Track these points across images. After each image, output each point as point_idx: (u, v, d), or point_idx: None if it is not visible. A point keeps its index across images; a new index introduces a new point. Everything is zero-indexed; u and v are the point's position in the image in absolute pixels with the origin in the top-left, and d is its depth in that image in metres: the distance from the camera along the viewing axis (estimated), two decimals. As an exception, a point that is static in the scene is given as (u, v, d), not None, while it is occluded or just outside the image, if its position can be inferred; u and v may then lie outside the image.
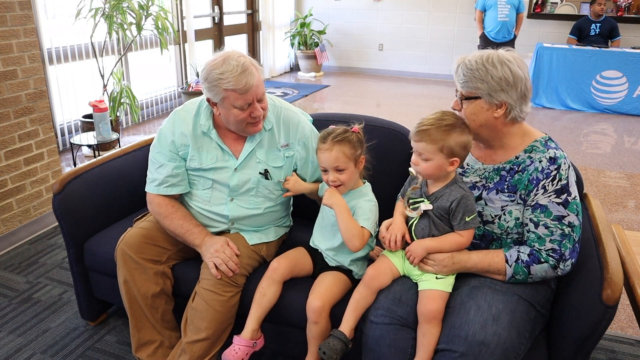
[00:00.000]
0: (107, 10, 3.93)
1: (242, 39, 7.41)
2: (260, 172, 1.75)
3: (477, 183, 1.52)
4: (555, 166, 1.41)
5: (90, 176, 1.99)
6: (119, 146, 3.86)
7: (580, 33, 6.31)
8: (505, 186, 1.47)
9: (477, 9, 6.17)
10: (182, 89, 5.43)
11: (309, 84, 7.33)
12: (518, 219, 1.45)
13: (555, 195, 1.40)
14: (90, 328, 2.09)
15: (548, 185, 1.40)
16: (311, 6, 8.01)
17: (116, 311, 2.19)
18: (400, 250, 1.53)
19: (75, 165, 3.85)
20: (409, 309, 1.43)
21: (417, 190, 1.52)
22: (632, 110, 5.91)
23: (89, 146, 3.75)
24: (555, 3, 6.93)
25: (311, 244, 1.74)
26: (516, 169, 1.46)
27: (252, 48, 7.56)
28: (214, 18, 6.53)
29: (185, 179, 1.77)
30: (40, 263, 2.56)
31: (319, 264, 1.69)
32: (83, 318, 2.11)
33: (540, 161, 1.42)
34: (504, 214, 1.46)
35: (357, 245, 1.53)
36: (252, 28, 7.52)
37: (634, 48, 6.02)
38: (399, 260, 1.53)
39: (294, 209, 2.01)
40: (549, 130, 5.13)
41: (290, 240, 1.92)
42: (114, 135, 3.78)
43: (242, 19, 7.33)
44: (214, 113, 1.71)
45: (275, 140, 1.78)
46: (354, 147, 1.56)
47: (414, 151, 1.45)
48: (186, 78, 5.84)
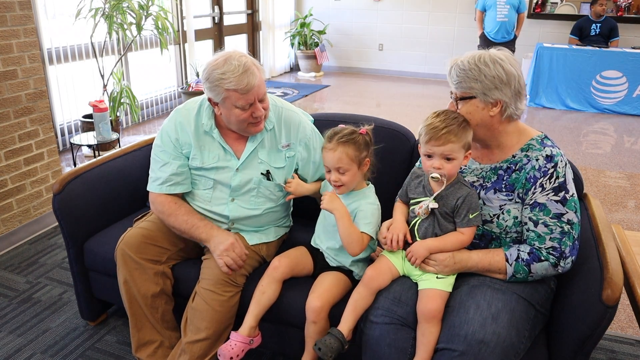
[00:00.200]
0: (107, 10, 3.93)
1: (242, 39, 7.41)
2: (262, 173, 1.75)
3: (475, 183, 1.52)
4: (552, 164, 1.41)
5: (90, 176, 1.99)
6: (119, 146, 3.86)
7: (581, 33, 6.31)
8: (503, 185, 1.47)
9: (477, 9, 6.17)
10: (182, 89, 5.43)
11: (309, 84, 7.33)
12: (517, 217, 1.45)
13: (553, 193, 1.40)
14: (90, 328, 2.09)
15: (546, 183, 1.40)
16: (311, 6, 8.01)
17: (116, 311, 2.19)
18: (400, 250, 1.53)
19: (75, 165, 3.85)
20: (409, 309, 1.43)
21: (420, 189, 1.52)
22: (632, 110, 5.91)
23: (89, 146, 3.75)
24: (555, 3, 6.93)
25: (312, 243, 1.74)
26: (513, 168, 1.47)
27: (252, 48, 7.56)
28: (214, 18, 6.53)
29: (189, 178, 1.77)
30: (40, 263, 2.56)
31: (320, 263, 1.69)
32: (83, 318, 2.11)
33: (537, 159, 1.43)
34: (503, 213, 1.46)
35: (357, 250, 1.54)
36: (252, 28, 7.52)
37: (634, 48, 6.02)
38: (399, 261, 1.53)
39: (294, 209, 2.01)
40: (549, 130, 5.13)
41: (290, 240, 1.92)
42: (114, 135, 3.78)
43: (242, 19, 7.33)
44: (216, 113, 1.71)
45: (276, 140, 1.78)
46: (359, 150, 1.55)
47: (433, 155, 1.42)
48: (186, 78, 5.84)
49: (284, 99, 1.89)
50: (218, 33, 6.61)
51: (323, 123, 1.96)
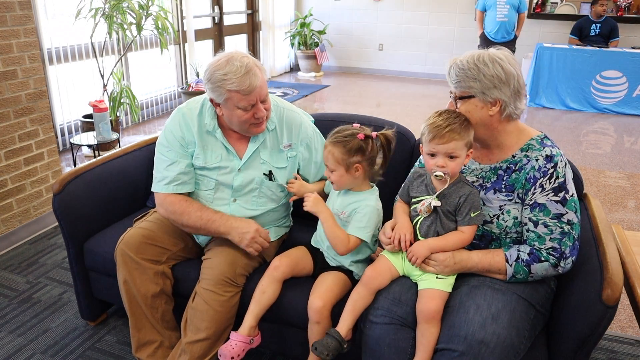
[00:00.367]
0: (107, 10, 3.93)
1: (242, 39, 7.41)
2: (265, 174, 1.75)
3: (475, 183, 1.52)
4: (552, 164, 1.41)
5: (90, 176, 1.99)
6: (119, 146, 3.86)
7: (581, 33, 6.31)
8: (503, 185, 1.47)
9: (478, 9, 6.17)
10: (182, 89, 5.43)
11: (309, 84, 7.33)
12: (516, 218, 1.45)
13: (553, 193, 1.40)
14: (90, 328, 2.09)
15: (545, 183, 1.40)
16: (311, 6, 8.01)
17: (116, 311, 2.19)
18: (400, 251, 1.53)
19: (75, 165, 3.86)
20: (409, 309, 1.43)
21: (423, 188, 1.52)
22: (632, 110, 5.91)
23: (89, 146, 3.75)
24: (555, 3, 6.93)
25: (312, 242, 1.74)
26: (513, 168, 1.47)
27: (252, 48, 7.56)
28: (214, 18, 6.53)
29: (194, 178, 1.76)
30: (40, 263, 2.56)
31: (320, 263, 1.69)
32: (83, 318, 2.11)
33: (536, 159, 1.43)
34: (502, 213, 1.46)
35: (342, 251, 1.56)
36: (252, 28, 7.52)
37: (634, 48, 6.02)
38: (399, 261, 1.53)
39: (294, 209, 2.00)
40: (548, 130, 5.13)
41: (290, 240, 1.92)
42: (114, 135, 3.78)
43: (242, 19, 7.33)
44: (217, 113, 1.71)
45: (278, 140, 1.78)
46: (348, 153, 1.53)
47: (437, 154, 1.42)
48: (186, 78, 5.84)
49: (284, 99, 1.89)
50: (218, 33, 6.61)
51: (323, 123, 1.96)
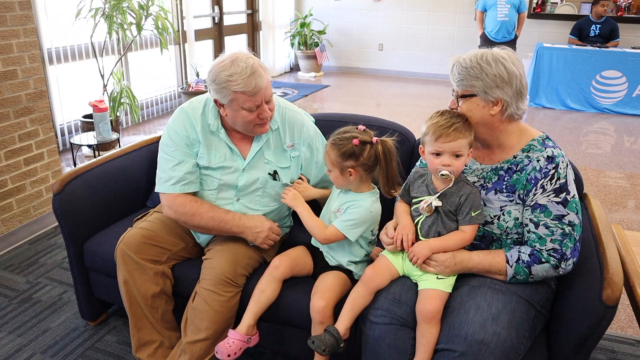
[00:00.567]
0: (107, 10, 3.93)
1: (242, 39, 7.41)
2: (269, 173, 1.75)
3: (475, 183, 1.52)
4: (554, 165, 1.41)
5: (90, 176, 1.99)
6: (119, 146, 3.86)
7: (580, 33, 6.31)
8: (504, 186, 1.47)
9: (478, 9, 6.17)
10: (182, 89, 5.43)
11: (309, 84, 7.33)
12: (517, 219, 1.45)
13: (554, 194, 1.39)
14: (90, 328, 2.09)
15: (547, 184, 1.40)
16: (311, 6, 8.01)
17: (116, 311, 2.19)
18: (401, 251, 1.53)
19: (75, 165, 3.86)
20: (409, 309, 1.43)
21: (424, 188, 1.52)
22: (632, 110, 5.91)
23: (89, 146, 3.75)
24: (555, 3, 6.93)
25: (313, 242, 1.74)
26: (514, 169, 1.46)
27: (252, 48, 7.56)
28: (214, 18, 6.53)
29: (199, 177, 1.75)
30: (40, 263, 2.56)
31: (320, 263, 1.69)
32: (83, 318, 2.11)
33: (538, 160, 1.42)
34: (503, 214, 1.46)
35: (319, 237, 1.62)
36: (252, 28, 7.52)
37: (634, 48, 6.02)
38: (399, 261, 1.53)
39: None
40: (549, 130, 5.13)
41: (290, 240, 1.93)
42: (114, 135, 3.78)
43: (242, 19, 7.33)
44: (221, 114, 1.71)
45: (281, 140, 1.78)
46: (342, 157, 1.54)
47: (442, 153, 1.42)
48: (186, 78, 5.84)
49: (285, 99, 1.89)
50: (218, 33, 6.61)
51: (323, 123, 1.96)
